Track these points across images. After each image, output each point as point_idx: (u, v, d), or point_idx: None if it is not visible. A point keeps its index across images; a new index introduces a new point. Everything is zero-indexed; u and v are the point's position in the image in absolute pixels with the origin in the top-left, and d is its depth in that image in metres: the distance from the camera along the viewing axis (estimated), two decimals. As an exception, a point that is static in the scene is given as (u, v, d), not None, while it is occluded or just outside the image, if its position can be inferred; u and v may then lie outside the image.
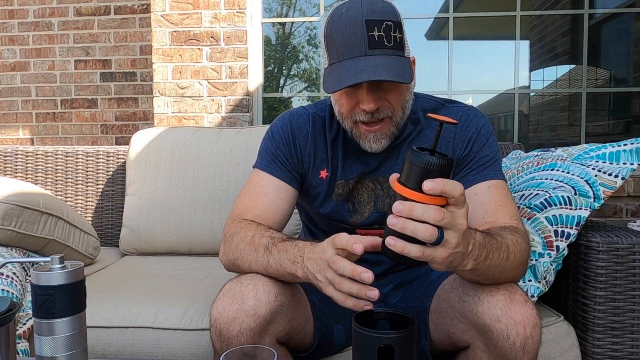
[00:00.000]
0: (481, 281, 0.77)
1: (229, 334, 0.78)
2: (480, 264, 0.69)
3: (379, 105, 0.87)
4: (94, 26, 2.86)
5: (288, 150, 1.00)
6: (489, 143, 0.97)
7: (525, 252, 0.81)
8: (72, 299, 0.65)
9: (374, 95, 0.86)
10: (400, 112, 0.91)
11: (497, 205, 0.90)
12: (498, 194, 0.92)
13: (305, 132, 1.01)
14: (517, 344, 0.74)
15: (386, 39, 0.83)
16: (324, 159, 1.01)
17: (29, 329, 1.08)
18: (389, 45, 0.84)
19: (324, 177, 1.02)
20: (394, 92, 0.88)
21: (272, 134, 1.02)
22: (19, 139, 2.98)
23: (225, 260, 0.91)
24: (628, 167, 1.14)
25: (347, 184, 1.01)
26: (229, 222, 0.95)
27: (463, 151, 0.97)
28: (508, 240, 0.77)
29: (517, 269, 0.79)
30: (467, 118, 0.99)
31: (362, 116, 0.88)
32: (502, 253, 0.73)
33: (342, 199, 1.02)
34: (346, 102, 0.90)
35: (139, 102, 2.88)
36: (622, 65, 2.78)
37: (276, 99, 2.82)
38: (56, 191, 1.77)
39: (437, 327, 0.89)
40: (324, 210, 1.03)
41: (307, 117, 1.03)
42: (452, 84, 2.48)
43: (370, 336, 0.63)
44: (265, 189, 0.98)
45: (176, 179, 1.62)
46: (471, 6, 2.68)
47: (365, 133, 0.91)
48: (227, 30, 2.26)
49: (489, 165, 0.95)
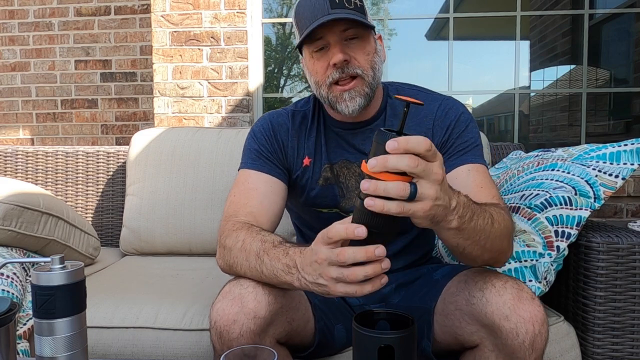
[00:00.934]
0: (468, 248, 0.74)
1: (229, 336, 0.78)
2: (465, 224, 0.69)
3: (347, 58, 0.90)
4: (94, 26, 2.86)
5: (271, 146, 1.03)
6: (468, 129, 0.98)
7: (509, 224, 0.81)
8: (72, 299, 0.65)
9: (341, 48, 0.90)
10: (370, 71, 0.94)
11: (478, 187, 0.91)
12: (479, 176, 0.93)
13: (286, 127, 1.05)
14: (526, 341, 0.74)
15: (346, 2, 0.89)
16: (306, 148, 1.04)
17: (29, 329, 1.08)
18: (350, 6, 0.89)
19: (307, 163, 1.03)
20: (361, 49, 0.92)
21: (254, 133, 1.05)
22: (19, 139, 2.98)
23: (221, 263, 0.90)
24: (628, 167, 1.14)
25: (332, 168, 1.02)
26: (222, 224, 0.94)
27: (442, 137, 0.99)
28: (491, 209, 0.77)
29: (502, 238, 0.78)
30: (445, 105, 1.01)
31: (334, 74, 0.92)
32: (486, 218, 0.73)
33: (329, 182, 1.03)
34: (319, 66, 0.94)
35: (139, 102, 2.88)
36: (622, 65, 2.78)
37: (276, 99, 2.82)
38: (56, 191, 1.77)
39: (443, 328, 0.89)
40: (311, 196, 1.04)
41: (286, 114, 1.07)
42: (452, 84, 2.48)
43: (370, 336, 0.63)
44: (255, 185, 0.98)
45: (176, 179, 1.62)
46: (471, 6, 2.68)
47: (340, 93, 0.93)
48: (227, 30, 2.26)
49: (468, 150, 0.96)
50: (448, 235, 0.71)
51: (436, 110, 1.00)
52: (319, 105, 1.06)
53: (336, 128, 1.03)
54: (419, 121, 1.01)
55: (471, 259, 0.79)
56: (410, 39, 2.74)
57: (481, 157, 0.97)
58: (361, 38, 0.92)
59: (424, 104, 0.65)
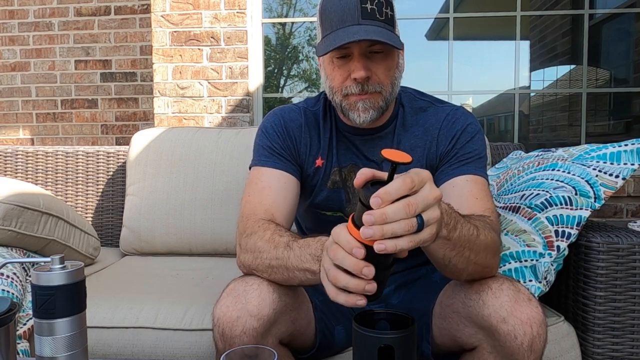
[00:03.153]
0: (453, 260, 0.72)
1: (231, 334, 0.78)
2: (451, 233, 0.67)
3: (369, 75, 0.89)
4: (94, 26, 2.86)
5: (283, 142, 1.01)
6: (473, 141, 0.97)
7: (495, 238, 0.79)
8: (72, 299, 0.65)
9: (365, 63, 0.88)
10: (389, 87, 0.93)
11: (474, 198, 0.90)
12: (476, 187, 0.92)
13: (298, 123, 1.03)
14: (525, 343, 0.74)
15: (378, 13, 0.86)
16: (318, 148, 1.03)
17: (29, 329, 1.08)
18: (381, 18, 0.87)
19: (319, 164, 1.02)
20: (384, 64, 0.91)
21: (265, 129, 1.03)
22: (19, 139, 2.98)
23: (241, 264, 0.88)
24: (628, 167, 1.14)
25: (341, 172, 1.02)
26: (241, 223, 0.91)
27: (446, 147, 0.98)
28: (476, 221, 0.76)
29: (487, 251, 0.76)
30: (453, 116, 1.00)
31: (353, 87, 0.90)
32: (470, 229, 0.71)
33: (337, 186, 1.02)
34: (338, 74, 0.92)
35: (139, 102, 2.88)
36: (622, 65, 2.78)
37: (276, 99, 2.82)
38: (56, 191, 1.77)
39: (441, 331, 0.89)
40: (318, 198, 1.03)
41: (298, 110, 1.05)
42: (452, 84, 2.48)
43: (370, 336, 0.63)
44: (268, 183, 0.97)
45: (176, 179, 1.62)
46: (471, 6, 2.68)
47: (354, 102, 0.92)
48: (227, 30, 2.26)
49: (470, 161, 0.95)
50: (436, 246, 0.69)
51: (443, 120, 1.00)
52: (330, 107, 1.04)
53: (346, 132, 1.02)
54: (425, 130, 1.00)
55: (456, 272, 0.77)
56: (410, 39, 2.74)
57: (482, 170, 0.96)
58: (386, 53, 0.90)
59: (411, 161, 0.57)
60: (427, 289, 1.01)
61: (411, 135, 1.01)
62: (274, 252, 0.80)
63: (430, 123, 1.00)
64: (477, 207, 0.87)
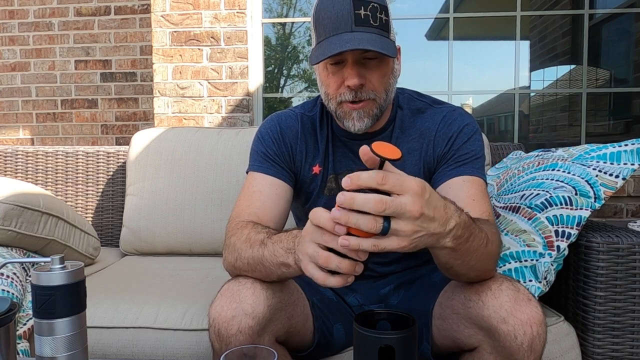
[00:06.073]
0: (456, 267, 0.73)
1: (227, 333, 0.78)
2: (461, 245, 0.66)
3: (362, 82, 0.89)
4: (94, 26, 2.86)
5: (278, 148, 1.02)
6: (470, 141, 0.97)
7: (499, 245, 0.80)
8: (72, 299, 0.65)
9: (358, 71, 0.88)
10: (383, 94, 0.92)
11: (470, 199, 0.89)
12: (473, 189, 0.92)
13: (295, 130, 1.04)
14: (525, 343, 0.74)
15: (372, 19, 0.86)
16: (315, 155, 1.03)
17: (29, 329, 1.08)
18: (375, 24, 0.86)
19: (316, 172, 1.03)
20: (378, 71, 0.90)
21: (261, 135, 1.04)
22: (19, 139, 2.98)
23: (225, 264, 0.90)
24: (629, 167, 1.14)
25: (337, 179, 1.02)
26: (227, 226, 0.94)
27: (443, 148, 0.98)
28: (487, 229, 0.76)
29: (490, 259, 0.76)
30: (450, 117, 1.00)
31: (347, 95, 0.90)
32: (482, 239, 0.72)
33: (333, 193, 1.02)
34: (332, 81, 0.92)
35: (139, 102, 2.88)
36: (622, 65, 2.78)
37: (276, 99, 2.82)
38: (56, 191, 1.77)
39: (441, 332, 0.89)
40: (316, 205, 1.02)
41: (295, 117, 1.05)
42: (452, 84, 2.48)
43: (371, 336, 0.63)
44: (259, 188, 0.98)
45: (176, 179, 1.62)
46: (471, 6, 2.68)
47: (349, 111, 0.92)
48: (227, 30, 2.26)
49: (467, 162, 0.95)
50: (440, 254, 0.69)
51: (440, 122, 0.99)
52: (326, 112, 1.04)
53: (343, 137, 1.03)
54: (422, 133, 1.00)
55: (456, 276, 0.78)
56: (410, 39, 2.74)
57: (480, 170, 0.96)
58: (380, 59, 0.90)
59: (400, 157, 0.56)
60: (426, 289, 1.01)
61: (408, 138, 1.01)
62: (250, 251, 0.81)
63: (427, 126, 1.00)
64: (474, 210, 0.87)
